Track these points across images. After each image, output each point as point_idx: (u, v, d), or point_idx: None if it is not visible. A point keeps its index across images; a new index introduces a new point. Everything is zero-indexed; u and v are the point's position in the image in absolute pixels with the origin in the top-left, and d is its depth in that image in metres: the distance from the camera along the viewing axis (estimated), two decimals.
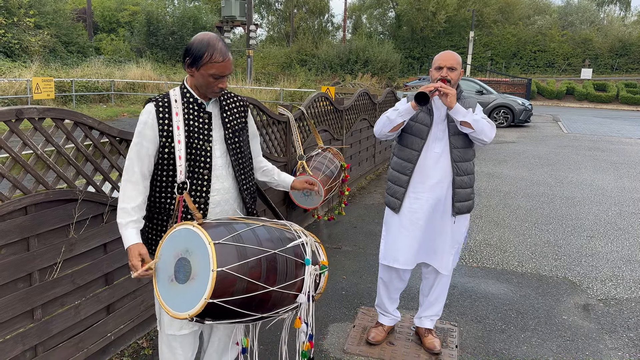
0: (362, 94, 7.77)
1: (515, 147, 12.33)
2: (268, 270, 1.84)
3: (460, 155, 2.90)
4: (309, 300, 1.99)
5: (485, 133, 2.79)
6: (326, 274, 2.10)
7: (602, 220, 6.23)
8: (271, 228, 1.99)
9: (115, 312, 2.89)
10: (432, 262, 3.09)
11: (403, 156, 2.98)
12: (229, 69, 2.04)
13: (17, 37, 24.29)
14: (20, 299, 2.31)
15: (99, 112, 16.86)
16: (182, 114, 2.06)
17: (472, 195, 3.01)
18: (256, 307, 1.85)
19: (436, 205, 2.94)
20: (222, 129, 2.16)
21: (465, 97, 2.93)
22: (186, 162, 2.06)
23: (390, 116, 2.87)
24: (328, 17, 49.47)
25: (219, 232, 1.82)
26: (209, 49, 1.98)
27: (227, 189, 2.18)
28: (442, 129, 2.89)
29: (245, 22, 25.92)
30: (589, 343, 3.36)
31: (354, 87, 20.93)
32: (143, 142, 2.04)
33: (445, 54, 2.87)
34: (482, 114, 2.89)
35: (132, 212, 2.02)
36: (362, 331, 3.40)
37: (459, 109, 2.74)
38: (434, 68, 2.88)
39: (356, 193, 7.29)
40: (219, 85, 2.05)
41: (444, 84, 2.72)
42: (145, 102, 2.10)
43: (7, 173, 2.21)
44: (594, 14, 43.53)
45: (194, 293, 1.74)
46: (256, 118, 4.31)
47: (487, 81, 26.26)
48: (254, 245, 1.84)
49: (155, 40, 32.03)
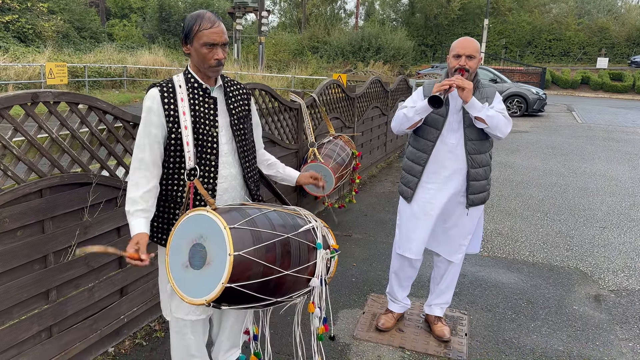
0: (374, 81, 7.72)
1: (529, 137, 12.21)
2: (282, 255, 1.86)
3: (475, 147, 2.85)
4: (321, 284, 2.00)
5: (499, 129, 2.74)
6: (336, 258, 2.11)
7: (615, 211, 6.17)
8: (282, 213, 2.00)
9: (129, 295, 2.93)
10: (443, 251, 3.08)
11: (418, 146, 2.95)
12: (221, 37, 2.01)
13: (31, 22, 24.43)
14: (36, 281, 2.35)
15: (112, 97, 16.94)
16: (187, 100, 2.04)
17: (487, 186, 2.97)
18: (271, 291, 1.86)
19: (450, 196, 2.92)
20: (228, 115, 2.15)
21: (484, 85, 2.87)
22: (194, 148, 2.05)
23: (408, 114, 2.82)
24: (341, 4, 49.01)
25: (233, 217, 1.82)
26: (197, 20, 2.00)
27: (234, 175, 2.17)
28: (457, 119, 2.84)
29: (257, 8, 25.78)
30: (599, 333, 3.35)
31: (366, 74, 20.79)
32: (150, 128, 2.02)
33: (463, 41, 2.77)
34: (501, 104, 2.83)
35: (139, 201, 2.00)
36: (371, 318, 3.42)
37: (475, 103, 2.68)
38: (451, 55, 2.79)
39: (367, 181, 7.28)
40: (215, 57, 2.01)
41: (460, 78, 2.65)
42: (148, 88, 2.07)
43: (23, 156, 2.24)
44: (611, 2, 42.64)
45: (211, 278, 1.74)
46: (268, 105, 4.31)
47: (501, 70, 25.93)
48: (267, 230, 1.85)
49: (168, 26, 32.04)
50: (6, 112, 2.14)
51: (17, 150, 2.22)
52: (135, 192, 2.01)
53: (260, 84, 4.14)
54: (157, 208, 2.14)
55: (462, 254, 3.10)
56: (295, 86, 20.69)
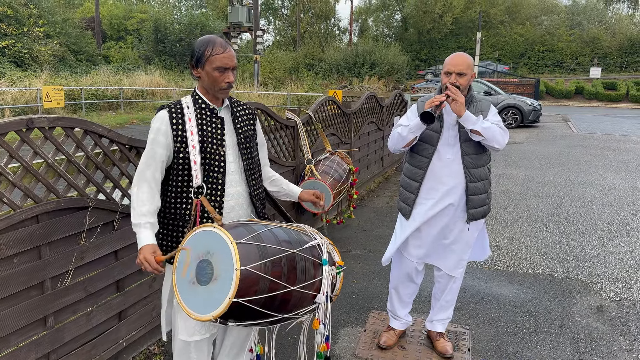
0: (369, 97, 7.76)
1: (525, 148, 12.25)
2: (289, 270, 1.86)
3: (473, 161, 2.85)
4: (327, 300, 2.00)
5: (497, 140, 2.74)
6: (342, 275, 2.12)
7: (614, 221, 6.17)
8: (288, 229, 2.02)
9: (127, 319, 2.91)
10: (444, 266, 3.07)
11: (414, 163, 2.96)
12: (232, 61, 2.09)
13: (27, 46, 24.58)
14: (33, 307, 2.33)
15: (109, 119, 17.00)
16: (195, 120, 2.11)
17: (487, 200, 2.96)
18: (278, 307, 1.86)
19: (449, 211, 2.92)
20: (235, 134, 2.20)
21: (478, 99, 2.88)
22: (201, 167, 2.09)
23: (402, 132, 2.85)
24: (334, 21, 49.60)
25: (239, 233, 1.83)
26: (209, 44, 2.07)
27: (240, 193, 2.21)
28: (453, 134, 2.85)
29: (252, 27, 26.02)
30: (603, 345, 3.32)
31: (361, 90, 20.90)
32: (156, 148, 2.08)
33: (454, 58, 2.79)
34: (496, 116, 2.84)
35: (147, 214, 2.04)
36: (373, 335, 3.39)
37: (469, 116, 2.70)
38: (443, 72, 2.82)
39: (365, 196, 7.27)
40: (226, 80, 2.09)
41: (452, 91, 2.67)
42: (157, 109, 2.13)
43: (18, 182, 2.24)
44: (602, 12, 43.20)
45: (218, 293, 1.74)
46: (264, 123, 4.33)
47: (495, 82, 26.13)
48: (274, 245, 1.86)
49: (163, 47, 32.28)
50: (1, 139, 2.14)
51: (13, 177, 2.21)
52: (143, 206, 2.04)
53: (257, 102, 4.15)
54: (164, 225, 2.17)
55: (462, 269, 3.09)
56: (291, 103, 20.79)
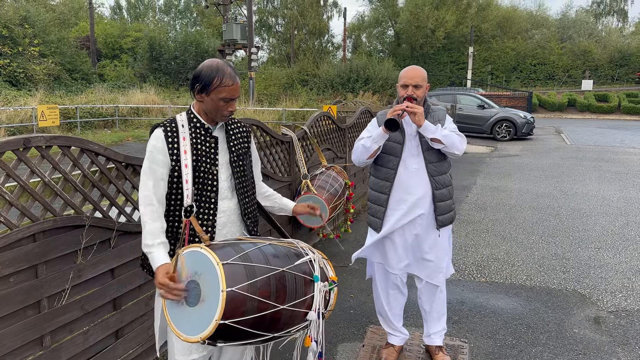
0: (363, 111, 7.82)
1: (519, 160, 12.32)
2: (277, 289, 1.85)
3: (436, 169, 2.93)
4: (319, 317, 1.99)
5: (456, 146, 2.83)
6: (335, 290, 2.10)
7: (609, 231, 6.20)
8: (278, 246, 2.00)
9: (124, 337, 2.89)
10: (425, 275, 3.09)
11: (380, 175, 3.02)
12: (238, 92, 2.10)
13: (22, 66, 24.68)
14: (30, 327, 2.31)
15: (104, 137, 17.00)
16: (189, 139, 2.10)
17: (452, 206, 3.05)
18: (267, 326, 1.84)
19: (421, 221, 2.97)
20: (228, 153, 2.21)
21: (434, 110, 2.99)
22: (193, 186, 2.09)
23: (365, 144, 2.90)
24: (328, 38, 50.06)
25: (227, 253, 1.82)
26: (219, 74, 2.04)
27: (232, 209, 2.22)
28: (415, 144, 2.93)
29: (246, 45, 26.22)
30: (601, 356, 3.32)
31: (356, 105, 21.02)
32: (155, 167, 2.07)
33: (409, 71, 2.90)
34: (452, 124, 2.95)
35: (159, 234, 2.03)
36: (371, 350, 3.38)
37: (428, 126, 2.79)
38: (399, 85, 2.92)
39: (361, 210, 7.28)
40: (229, 109, 2.10)
41: (411, 103, 2.75)
42: (152, 128, 2.12)
43: (15, 201, 2.24)
44: (592, 26, 43.86)
45: (205, 315, 1.74)
46: (260, 139, 4.35)
47: (487, 95, 26.35)
48: (262, 264, 1.85)
49: (158, 65, 32.46)
50: None
51: (10, 196, 2.22)
52: (153, 225, 2.03)
53: (252, 118, 4.18)
54: None
55: (443, 275, 3.11)
56: (287, 119, 20.87)
